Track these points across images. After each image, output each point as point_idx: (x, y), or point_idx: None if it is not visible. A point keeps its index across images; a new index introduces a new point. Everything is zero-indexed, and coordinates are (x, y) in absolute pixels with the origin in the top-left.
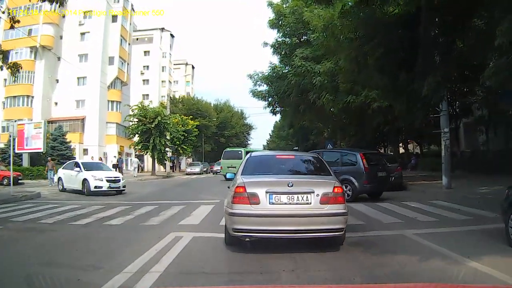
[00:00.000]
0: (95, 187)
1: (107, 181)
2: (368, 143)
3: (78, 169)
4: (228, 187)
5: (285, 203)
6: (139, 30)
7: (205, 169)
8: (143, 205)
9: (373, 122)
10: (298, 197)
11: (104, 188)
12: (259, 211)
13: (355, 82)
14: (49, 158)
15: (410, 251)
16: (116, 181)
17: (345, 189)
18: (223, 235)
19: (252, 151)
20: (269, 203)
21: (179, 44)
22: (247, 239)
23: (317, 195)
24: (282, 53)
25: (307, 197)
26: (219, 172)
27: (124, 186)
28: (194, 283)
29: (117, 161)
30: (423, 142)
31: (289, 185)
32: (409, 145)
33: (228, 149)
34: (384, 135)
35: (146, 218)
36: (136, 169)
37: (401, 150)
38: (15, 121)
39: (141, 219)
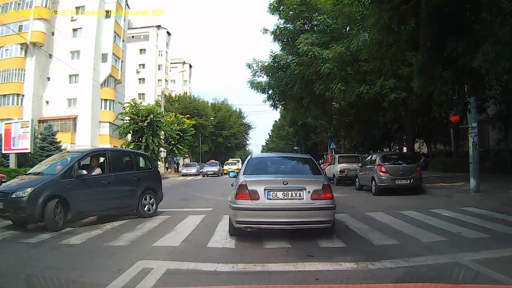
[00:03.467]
0: None
1: None
2: (373, 142)
3: None
4: (232, 185)
5: (281, 199)
6: (135, 28)
7: (201, 170)
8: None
9: (384, 117)
10: (292, 193)
11: None
12: (258, 206)
13: (382, 60)
14: None
15: None
16: None
17: None
18: (209, 266)
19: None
20: (267, 199)
21: (176, 44)
22: (248, 230)
23: (309, 191)
24: (284, 40)
25: (299, 193)
26: (210, 173)
27: None
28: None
29: None
30: (432, 141)
31: (284, 183)
32: (414, 145)
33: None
34: (391, 133)
35: (116, 234)
36: None
37: (404, 149)
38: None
39: (109, 235)
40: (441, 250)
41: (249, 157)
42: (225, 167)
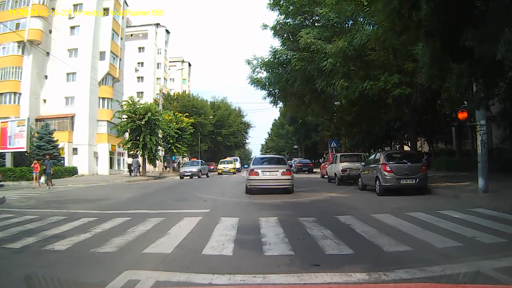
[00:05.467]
0: None
1: None
2: (374, 141)
3: None
4: (246, 170)
5: (268, 175)
6: (133, 26)
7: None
8: (113, 216)
9: (387, 115)
10: (273, 172)
11: None
12: (258, 178)
13: (390, 49)
14: None
15: None
16: None
17: None
18: (203, 278)
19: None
20: (262, 175)
21: (176, 42)
22: (254, 189)
23: (280, 172)
24: (284, 35)
25: (276, 172)
26: (187, 174)
27: None
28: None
29: (44, 164)
30: (433, 139)
31: (270, 169)
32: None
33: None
34: (393, 131)
35: (105, 238)
36: (136, 170)
37: (406, 148)
38: None
39: (98, 240)
40: (458, 257)
41: (254, 157)
42: (220, 166)
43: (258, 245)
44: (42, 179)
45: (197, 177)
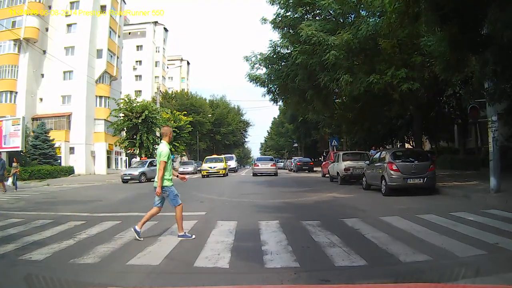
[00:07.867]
0: None
1: None
2: (376, 139)
3: None
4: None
5: (264, 165)
6: (132, 24)
7: (199, 168)
8: (102, 219)
9: (390, 112)
10: (266, 165)
11: None
12: (258, 167)
13: (397, 41)
14: None
15: None
16: None
17: None
18: None
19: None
20: (261, 166)
21: (174, 41)
22: (257, 173)
23: (270, 164)
24: (285, 28)
25: (268, 165)
26: (126, 178)
27: None
28: None
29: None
30: (436, 137)
31: (265, 163)
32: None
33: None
34: (395, 130)
35: (88, 246)
36: None
37: (406, 146)
38: None
39: (81, 248)
40: (485, 269)
41: (256, 157)
42: (205, 166)
43: (258, 254)
44: (10, 180)
45: (137, 181)
